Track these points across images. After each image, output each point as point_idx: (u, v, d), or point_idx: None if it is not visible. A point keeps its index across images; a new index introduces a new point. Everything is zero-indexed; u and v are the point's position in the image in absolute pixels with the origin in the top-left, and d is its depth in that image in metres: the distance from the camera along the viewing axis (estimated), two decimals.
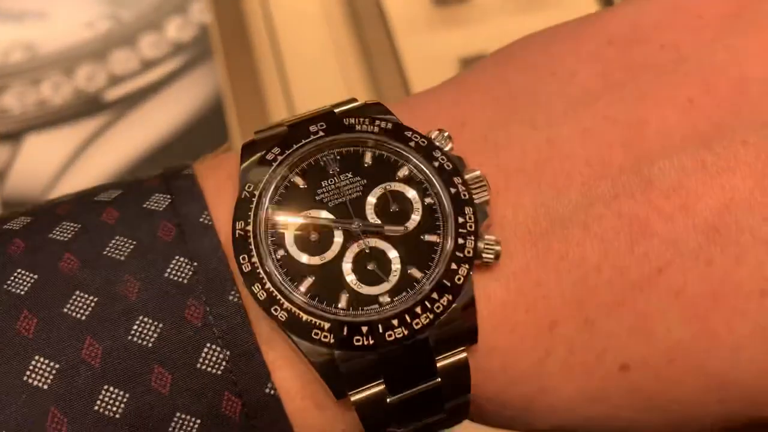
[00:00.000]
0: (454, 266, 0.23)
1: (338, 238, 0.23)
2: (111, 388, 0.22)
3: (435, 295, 0.23)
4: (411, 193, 0.24)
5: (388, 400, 0.23)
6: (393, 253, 0.23)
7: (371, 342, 0.22)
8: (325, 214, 0.24)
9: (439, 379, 0.23)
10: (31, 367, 0.22)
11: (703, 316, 0.23)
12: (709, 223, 0.23)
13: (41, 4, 0.53)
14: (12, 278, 0.23)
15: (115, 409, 0.22)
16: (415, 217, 0.24)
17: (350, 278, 0.23)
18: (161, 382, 0.22)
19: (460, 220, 0.23)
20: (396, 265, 0.23)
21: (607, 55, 0.25)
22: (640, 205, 0.23)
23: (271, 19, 0.53)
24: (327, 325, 0.22)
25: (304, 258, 0.23)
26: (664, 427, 0.24)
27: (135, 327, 0.23)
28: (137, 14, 0.53)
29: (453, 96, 0.26)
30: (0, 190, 0.47)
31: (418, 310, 0.23)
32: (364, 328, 0.22)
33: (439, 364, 0.23)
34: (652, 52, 0.25)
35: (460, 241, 0.23)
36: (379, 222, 0.24)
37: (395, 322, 0.23)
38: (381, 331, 0.22)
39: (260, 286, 0.23)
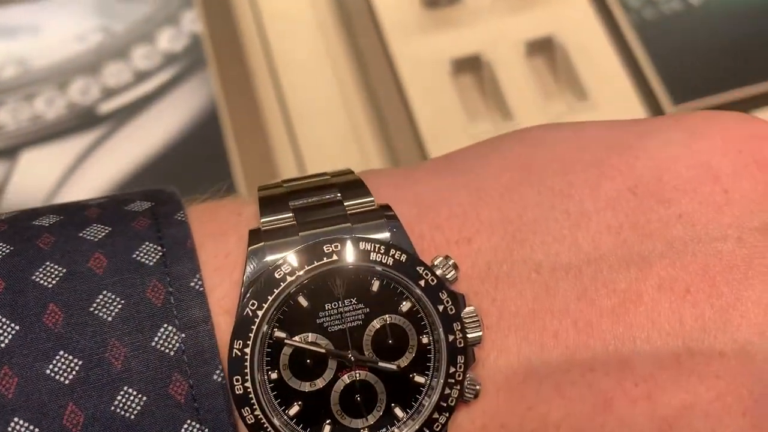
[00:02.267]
0: (435, 415, 0.24)
1: (332, 365, 0.24)
2: None
3: None
4: (409, 329, 0.24)
5: None
6: (380, 388, 0.24)
7: None
8: (323, 341, 0.24)
9: None
10: (9, 430, 0.21)
11: None
12: (666, 418, 0.24)
13: (32, 18, 0.53)
14: None
15: None
16: (409, 355, 0.24)
17: (336, 408, 0.24)
18: None
19: (452, 369, 0.24)
20: (381, 400, 0.24)
21: (624, 206, 0.25)
22: (612, 383, 0.24)
23: (263, 27, 0.53)
24: None
25: (296, 384, 0.24)
26: None
27: (119, 398, 0.22)
28: (129, 26, 0.53)
29: (465, 204, 0.26)
30: None
31: None
32: None
33: None
34: (669, 219, 0.25)
35: (447, 391, 0.24)
36: (373, 357, 0.24)
37: None
38: None
39: (249, 410, 0.23)
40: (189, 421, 0.23)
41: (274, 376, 0.24)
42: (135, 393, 0.22)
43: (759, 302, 0.24)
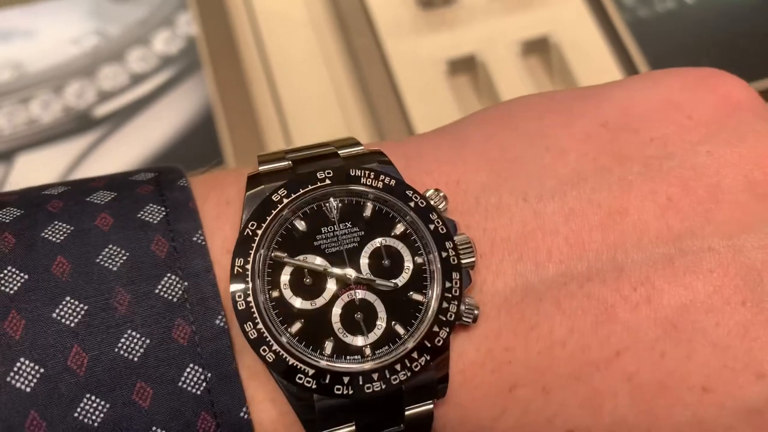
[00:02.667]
0: (436, 328, 0.24)
1: (331, 285, 0.24)
2: (93, 397, 0.23)
3: (415, 354, 0.24)
4: (404, 251, 0.25)
5: None
6: (380, 307, 0.25)
7: (350, 392, 0.24)
8: (321, 261, 0.24)
9: (403, 426, 0.25)
10: (15, 369, 0.22)
11: (649, 401, 0.24)
12: (669, 318, 0.24)
13: (27, 22, 0.53)
14: (2, 276, 0.23)
15: (94, 417, 0.23)
16: (405, 275, 0.25)
17: (337, 326, 0.24)
18: (142, 396, 0.23)
19: (447, 284, 0.25)
20: (381, 318, 0.24)
21: (598, 138, 0.27)
22: (610, 291, 0.24)
23: (258, 28, 0.53)
24: (311, 372, 0.24)
25: (296, 302, 0.24)
26: None
27: (122, 340, 0.23)
28: (124, 29, 0.53)
29: (451, 152, 0.27)
30: None
31: (398, 367, 0.24)
32: (346, 378, 0.24)
33: (406, 413, 0.25)
34: (642, 143, 0.26)
35: (444, 305, 0.24)
36: (371, 276, 0.25)
37: (375, 376, 0.24)
38: (361, 383, 0.24)
39: (252, 325, 0.23)
40: (191, 365, 0.23)
41: (275, 294, 0.24)
42: (138, 336, 0.23)
43: (736, 202, 0.25)
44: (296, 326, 0.24)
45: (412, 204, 0.25)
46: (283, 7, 0.53)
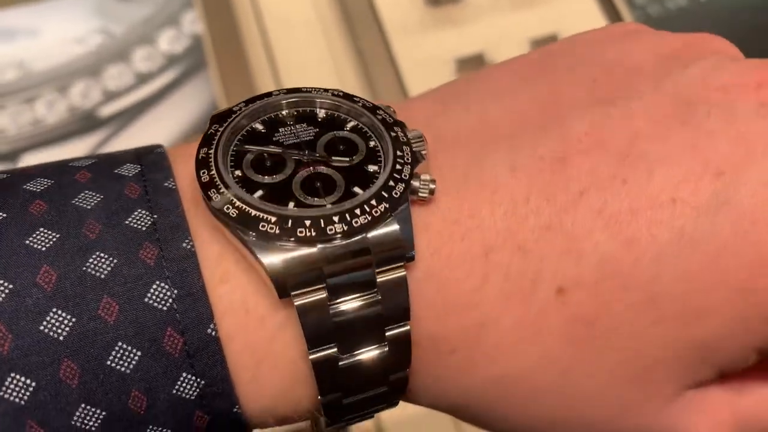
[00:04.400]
0: (391, 183, 0.26)
1: (290, 165, 0.26)
2: (59, 311, 0.24)
3: (374, 202, 0.25)
4: (357, 139, 0.27)
5: (330, 311, 0.25)
6: (338, 177, 0.26)
7: (313, 234, 0.24)
8: (280, 149, 0.27)
9: (379, 296, 0.25)
10: None
11: (626, 229, 0.25)
12: (621, 151, 0.26)
13: (31, 20, 0.53)
14: None
15: (60, 330, 0.23)
16: (360, 155, 0.27)
17: (298, 192, 0.26)
18: (108, 311, 0.24)
19: (399, 153, 0.26)
20: (340, 186, 0.26)
21: (523, 70, 0.30)
22: (559, 145, 0.26)
23: (264, 26, 0.52)
24: (274, 219, 0.25)
25: (258, 177, 0.26)
26: (609, 370, 0.26)
27: (91, 260, 0.24)
28: (128, 28, 0.52)
29: (403, 106, 0.30)
30: None
31: (358, 211, 0.25)
32: (308, 222, 0.25)
33: (379, 279, 0.25)
34: (560, 62, 0.30)
35: (398, 167, 0.26)
36: (327, 155, 0.27)
37: (336, 218, 0.25)
38: (323, 225, 0.25)
39: (216, 191, 0.25)
40: (158, 282, 0.24)
41: (237, 173, 0.26)
42: (106, 256, 0.24)
43: (653, 67, 0.28)
44: (259, 193, 0.26)
45: (359, 104, 0.27)
46: (289, 5, 0.53)
